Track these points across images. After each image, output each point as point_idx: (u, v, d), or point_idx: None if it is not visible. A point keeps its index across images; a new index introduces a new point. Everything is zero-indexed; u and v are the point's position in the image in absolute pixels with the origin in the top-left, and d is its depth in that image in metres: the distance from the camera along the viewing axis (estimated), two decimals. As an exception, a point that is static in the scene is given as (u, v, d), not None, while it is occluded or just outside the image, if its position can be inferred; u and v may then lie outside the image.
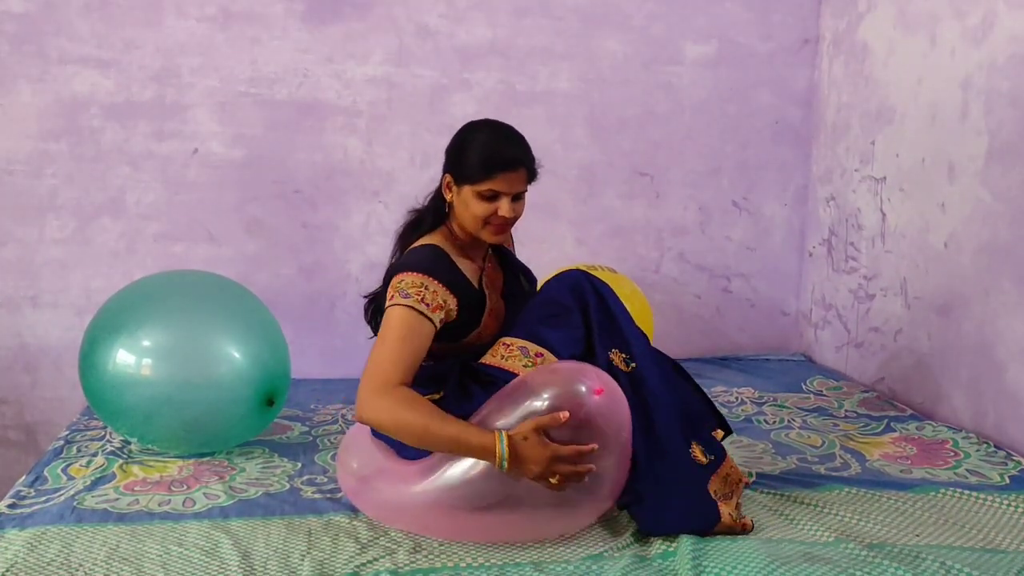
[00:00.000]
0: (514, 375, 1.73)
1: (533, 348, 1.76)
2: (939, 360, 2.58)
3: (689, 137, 3.25)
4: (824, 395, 2.81)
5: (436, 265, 1.77)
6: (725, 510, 1.74)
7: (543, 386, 1.65)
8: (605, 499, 1.71)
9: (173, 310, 2.16)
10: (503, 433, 1.60)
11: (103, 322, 2.16)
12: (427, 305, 1.72)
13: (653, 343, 2.96)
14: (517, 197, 1.78)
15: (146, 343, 2.08)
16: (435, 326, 1.74)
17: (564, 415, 1.58)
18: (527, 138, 1.84)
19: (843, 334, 3.11)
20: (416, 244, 1.84)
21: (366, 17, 3.00)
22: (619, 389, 1.69)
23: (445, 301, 1.75)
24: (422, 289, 1.73)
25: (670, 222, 3.28)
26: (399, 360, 1.68)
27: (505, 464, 1.58)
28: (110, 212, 2.93)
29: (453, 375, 1.81)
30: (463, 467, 1.66)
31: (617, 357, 1.78)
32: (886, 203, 2.83)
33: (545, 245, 3.15)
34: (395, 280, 1.76)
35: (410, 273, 1.75)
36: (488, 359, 1.79)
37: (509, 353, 1.77)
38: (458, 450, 1.63)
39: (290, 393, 2.37)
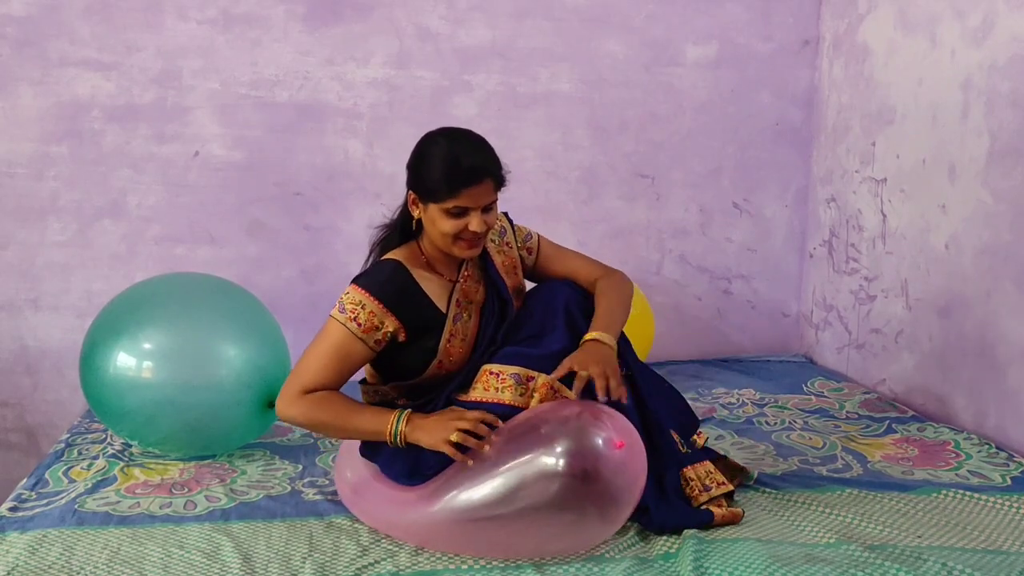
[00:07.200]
0: (514, 408, 1.68)
1: (524, 373, 1.71)
2: (940, 361, 2.58)
3: (690, 138, 3.25)
4: (825, 396, 2.80)
5: (387, 285, 1.72)
6: (717, 511, 1.76)
7: (556, 436, 1.54)
8: (616, 526, 1.65)
9: (174, 313, 2.16)
10: (404, 413, 1.67)
11: (104, 324, 2.16)
12: (359, 325, 1.69)
13: (654, 345, 3.00)
14: (487, 209, 1.70)
15: (147, 345, 2.09)
16: (369, 347, 1.72)
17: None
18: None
19: (844, 335, 3.10)
20: (382, 258, 1.80)
21: (367, 19, 3.00)
22: (637, 435, 1.61)
23: (382, 323, 1.70)
24: (358, 308, 1.70)
25: (671, 224, 3.28)
26: (320, 370, 1.71)
27: (397, 438, 1.65)
28: (111, 214, 2.93)
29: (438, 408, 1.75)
30: (467, 493, 1.59)
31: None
32: (887, 204, 2.83)
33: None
34: (347, 289, 1.74)
35: (356, 288, 1.72)
36: (480, 395, 1.72)
37: (503, 384, 1.71)
38: (371, 438, 1.73)
39: (291, 395, 2.36)
